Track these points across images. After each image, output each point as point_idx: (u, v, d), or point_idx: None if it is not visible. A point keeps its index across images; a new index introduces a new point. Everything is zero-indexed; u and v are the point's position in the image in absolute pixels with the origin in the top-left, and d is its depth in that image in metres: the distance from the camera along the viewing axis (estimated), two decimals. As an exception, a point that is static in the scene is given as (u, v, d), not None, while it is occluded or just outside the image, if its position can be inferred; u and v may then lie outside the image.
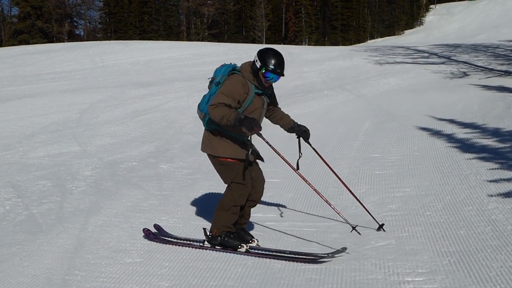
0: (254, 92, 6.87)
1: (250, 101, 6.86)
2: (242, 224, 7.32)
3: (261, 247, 7.11)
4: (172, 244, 7.38)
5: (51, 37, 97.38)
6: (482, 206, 7.93)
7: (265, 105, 7.08)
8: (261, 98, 7.00)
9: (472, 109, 16.29)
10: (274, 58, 6.76)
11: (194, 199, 9.61)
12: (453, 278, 5.80)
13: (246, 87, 6.81)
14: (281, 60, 6.81)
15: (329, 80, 26.14)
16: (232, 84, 6.80)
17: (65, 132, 15.74)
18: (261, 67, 6.75)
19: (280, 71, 6.79)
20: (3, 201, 9.61)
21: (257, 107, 6.94)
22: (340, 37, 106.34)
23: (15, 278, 6.48)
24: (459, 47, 38.16)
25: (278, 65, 6.76)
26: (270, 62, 6.73)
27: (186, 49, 42.42)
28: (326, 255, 6.52)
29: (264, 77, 6.81)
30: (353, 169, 10.97)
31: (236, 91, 6.75)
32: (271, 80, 6.83)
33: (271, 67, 6.72)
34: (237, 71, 6.92)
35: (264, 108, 7.09)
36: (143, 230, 7.71)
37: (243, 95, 6.80)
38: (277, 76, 6.80)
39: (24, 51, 44.81)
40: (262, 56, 6.77)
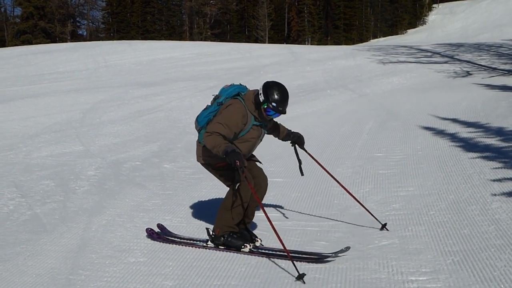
0: (252, 124, 6.87)
1: (247, 131, 6.87)
2: (246, 223, 7.32)
3: (265, 246, 7.10)
4: (176, 244, 7.38)
5: (54, 37, 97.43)
6: (485, 205, 7.92)
7: (261, 136, 7.08)
8: (259, 129, 6.99)
9: (475, 108, 16.27)
10: (277, 95, 6.71)
11: (197, 199, 9.62)
12: (456, 277, 5.80)
13: (245, 118, 6.81)
14: (285, 97, 6.76)
15: (332, 79, 26.13)
16: (232, 115, 6.77)
17: (68, 132, 15.76)
18: (264, 102, 6.73)
19: (282, 109, 6.76)
20: (6, 201, 9.62)
21: (253, 137, 6.95)
22: (343, 37, 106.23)
23: (19, 278, 6.49)
24: (462, 46, 38.15)
25: (281, 103, 6.72)
26: (273, 99, 6.69)
27: (188, 49, 42.44)
28: (330, 255, 6.52)
29: (265, 112, 6.79)
30: (356, 168, 10.97)
31: (235, 123, 6.75)
32: (271, 116, 6.83)
33: (273, 104, 6.69)
34: (240, 98, 6.90)
35: (260, 139, 7.10)
36: (147, 230, 7.71)
37: (241, 126, 6.80)
38: (278, 114, 6.80)
39: (27, 51, 44.87)
40: (266, 91, 6.73)
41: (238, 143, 6.86)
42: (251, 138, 6.91)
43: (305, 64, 31.51)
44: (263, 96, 6.71)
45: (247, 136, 6.87)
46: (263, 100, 6.71)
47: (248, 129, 6.85)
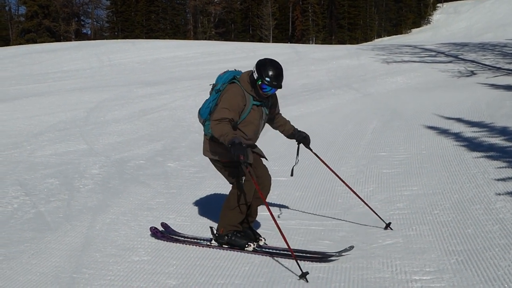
0: (252, 104, 6.86)
1: (248, 112, 6.85)
2: (249, 222, 7.31)
3: (269, 245, 7.10)
4: (179, 243, 7.38)
5: (58, 36, 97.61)
6: (490, 205, 7.92)
7: (263, 116, 7.04)
8: (260, 110, 6.97)
9: (479, 108, 16.25)
10: (271, 70, 6.71)
11: (201, 197, 9.62)
12: (461, 276, 5.80)
13: (244, 98, 6.80)
14: (279, 72, 6.76)
15: (336, 79, 26.13)
16: (232, 98, 6.79)
17: (72, 130, 15.78)
18: (258, 78, 6.73)
19: (277, 83, 6.75)
20: (11, 199, 9.64)
21: (255, 118, 6.92)
22: (347, 36, 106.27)
23: (23, 276, 6.50)
24: (466, 46, 38.10)
25: (275, 78, 6.72)
26: (266, 74, 6.69)
27: (193, 48, 42.47)
28: (333, 254, 6.51)
29: (261, 89, 6.78)
30: (360, 167, 10.96)
31: (237, 104, 6.75)
32: (268, 92, 6.80)
33: (267, 79, 6.68)
34: (236, 81, 6.91)
35: (263, 120, 7.07)
36: (151, 229, 7.71)
37: (242, 107, 6.80)
38: (274, 88, 6.79)
39: (32, 50, 44.95)
40: (259, 68, 6.74)
41: (242, 126, 6.85)
42: (253, 120, 6.90)
43: (309, 63, 31.52)
44: (257, 73, 6.73)
45: (249, 117, 6.86)
46: (257, 77, 6.73)
47: (249, 110, 6.84)
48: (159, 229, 7.75)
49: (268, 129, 7.72)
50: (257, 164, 7.18)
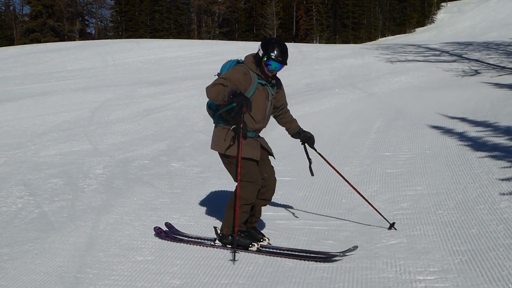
0: (256, 82, 6.86)
1: (253, 91, 6.83)
2: (253, 222, 7.30)
3: (272, 245, 7.10)
4: (183, 243, 7.38)
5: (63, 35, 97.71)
6: (494, 205, 7.91)
7: (269, 97, 7.01)
8: (265, 89, 6.95)
9: (484, 107, 16.24)
10: (276, 47, 6.76)
11: (205, 197, 9.62)
12: (465, 277, 5.79)
13: (248, 76, 6.81)
14: (284, 49, 6.81)
15: (340, 78, 26.11)
16: (232, 72, 6.84)
17: (76, 130, 15.79)
18: (263, 55, 6.76)
19: (282, 59, 6.79)
20: (15, 199, 9.65)
21: (261, 99, 6.91)
22: (351, 35, 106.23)
23: (27, 276, 6.51)
24: (470, 45, 38.05)
25: (281, 54, 6.77)
26: (272, 51, 6.73)
27: (197, 48, 42.49)
28: (337, 254, 6.51)
29: (267, 66, 6.80)
30: (364, 167, 10.96)
31: (236, 78, 6.76)
32: (274, 69, 6.82)
33: (273, 54, 6.72)
34: (241, 63, 6.96)
35: (269, 101, 7.03)
36: (154, 229, 7.71)
37: (244, 84, 6.78)
38: (280, 65, 6.80)
39: (36, 49, 45.02)
40: (265, 45, 6.80)
41: None
42: (259, 100, 6.88)
43: (313, 62, 31.50)
44: (262, 51, 6.78)
45: (254, 97, 6.83)
46: (263, 54, 6.77)
47: (254, 88, 6.83)
48: (163, 229, 7.75)
49: (271, 128, 7.73)
50: (265, 164, 7.18)
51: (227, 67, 7.04)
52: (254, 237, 7.17)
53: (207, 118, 16.77)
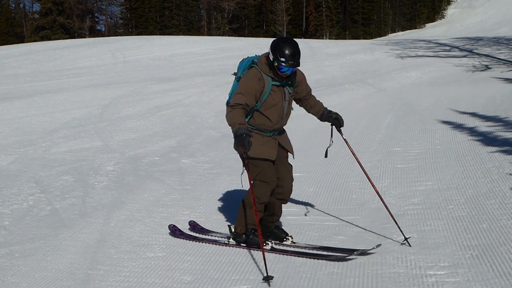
0: (271, 85, 6.69)
1: (267, 94, 6.69)
2: (274, 222, 7.24)
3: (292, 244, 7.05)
4: (197, 241, 7.37)
5: (73, 32, 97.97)
6: (505, 199, 7.89)
7: (286, 97, 6.84)
8: (281, 90, 6.79)
9: (494, 102, 16.19)
10: (285, 50, 6.52)
11: (216, 194, 9.62)
12: (475, 271, 5.78)
13: (262, 81, 6.66)
14: (294, 50, 6.55)
15: (350, 74, 26.08)
16: (247, 81, 6.68)
17: (87, 127, 15.84)
18: (274, 60, 6.57)
19: (293, 62, 6.55)
20: (26, 196, 9.69)
21: (277, 100, 6.75)
22: (361, 31, 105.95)
23: (39, 273, 6.54)
24: (481, 40, 37.95)
25: (291, 57, 6.52)
26: (281, 55, 6.50)
27: (207, 44, 42.52)
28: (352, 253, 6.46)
29: (279, 70, 6.61)
30: (374, 163, 10.94)
31: (252, 88, 6.63)
32: (286, 72, 6.63)
33: (283, 59, 6.50)
34: (255, 65, 6.79)
35: (286, 101, 6.86)
36: (169, 227, 7.71)
37: (259, 89, 6.65)
38: (292, 68, 6.61)
39: (46, 47, 45.14)
40: (274, 49, 6.57)
41: (265, 109, 6.73)
42: (275, 102, 6.75)
43: (323, 58, 31.47)
44: (272, 55, 6.58)
45: (269, 100, 6.71)
46: (273, 59, 6.57)
47: (268, 91, 6.68)
48: (177, 227, 7.73)
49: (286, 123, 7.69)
50: (281, 163, 7.09)
51: (242, 66, 6.92)
52: (277, 236, 7.15)
53: (217, 115, 16.89)
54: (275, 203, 7.13)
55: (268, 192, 6.88)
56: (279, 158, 7.04)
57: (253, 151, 6.68)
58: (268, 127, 6.82)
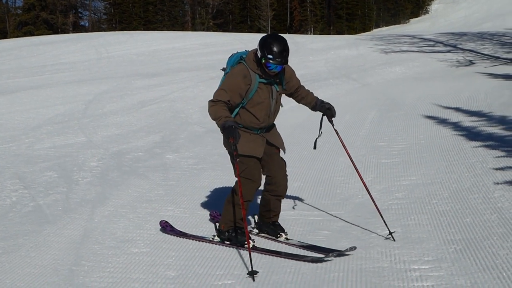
0: (258, 82, 6.57)
1: (254, 91, 6.58)
2: (271, 217, 7.17)
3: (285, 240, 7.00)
4: (186, 238, 7.32)
5: (56, 28, 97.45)
6: (488, 194, 7.92)
7: (274, 95, 6.70)
8: (268, 88, 6.66)
9: (478, 98, 16.25)
10: (274, 47, 6.38)
11: (200, 189, 9.62)
12: (459, 265, 5.81)
13: (248, 78, 6.54)
14: (282, 48, 6.41)
15: (334, 69, 26.11)
16: (232, 78, 6.58)
17: (70, 123, 15.77)
18: (261, 57, 6.45)
19: (281, 59, 6.40)
20: (9, 192, 9.64)
21: (264, 98, 6.64)
22: (345, 26, 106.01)
23: (23, 269, 6.51)
24: (465, 36, 38.06)
25: (279, 54, 6.39)
26: (269, 52, 6.38)
27: (191, 39, 42.43)
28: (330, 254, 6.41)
29: (267, 68, 6.48)
30: (359, 158, 10.95)
31: (236, 85, 6.52)
32: (274, 69, 6.48)
33: (270, 57, 6.37)
34: (243, 61, 6.67)
35: (274, 99, 6.72)
36: (160, 223, 7.67)
37: (245, 87, 6.54)
38: (280, 66, 6.47)
39: (29, 42, 44.91)
40: (262, 46, 6.45)
41: (251, 107, 6.64)
42: (262, 99, 6.63)
43: (308, 53, 31.47)
44: (260, 52, 6.45)
45: (256, 97, 6.60)
46: (261, 56, 6.44)
47: (255, 89, 6.57)
48: (169, 223, 7.69)
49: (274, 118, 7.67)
50: (271, 160, 6.99)
51: (231, 62, 6.79)
52: (272, 232, 7.13)
53: (201, 110, 16.85)
54: (270, 199, 7.08)
55: (253, 190, 6.81)
56: (269, 155, 6.96)
57: (239, 147, 6.58)
58: (255, 124, 6.73)
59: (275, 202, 7.13)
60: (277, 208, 7.17)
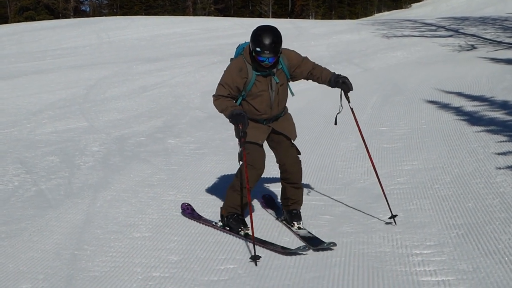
0: (254, 74, 6.48)
1: (251, 84, 6.50)
2: (289, 205, 7.03)
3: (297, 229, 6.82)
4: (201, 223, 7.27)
5: (57, 13, 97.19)
6: (490, 179, 7.92)
7: (273, 86, 6.56)
8: (267, 80, 6.54)
9: (480, 82, 16.22)
10: (262, 39, 6.23)
11: (202, 174, 9.62)
12: (461, 250, 5.81)
13: (244, 71, 6.46)
14: (271, 40, 6.26)
15: (336, 54, 26.05)
16: (228, 72, 6.53)
17: (72, 108, 15.76)
18: (252, 50, 6.35)
19: (270, 51, 6.25)
20: (11, 177, 9.65)
21: (263, 90, 6.53)
22: (347, 11, 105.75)
23: (25, 253, 6.53)
24: (467, 20, 37.96)
25: (268, 46, 6.22)
26: (258, 45, 6.24)
27: (192, 24, 42.32)
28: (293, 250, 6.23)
29: (259, 60, 6.36)
30: (360, 142, 10.88)
31: (231, 80, 6.46)
32: (266, 62, 6.34)
33: (258, 49, 6.24)
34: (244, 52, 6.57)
35: (273, 91, 6.58)
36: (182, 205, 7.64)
37: (241, 80, 6.47)
38: (271, 58, 6.32)
39: (30, 27, 44.80)
40: (252, 39, 6.34)
41: (251, 99, 6.57)
42: (261, 92, 6.53)
43: (310, 38, 31.40)
44: (251, 45, 6.35)
45: (254, 89, 6.52)
46: (252, 49, 6.34)
47: (252, 82, 6.48)
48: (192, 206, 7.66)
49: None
50: (280, 148, 6.94)
51: (236, 52, 6.72)
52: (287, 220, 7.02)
53: (203, 95, 16.85)
54: (286, 187, 7.01)
55: (254, 176, 6.74)
56: (278, 143, 6.91)
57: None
58: (257, 116, 6.67)
59: (292, 190, 7.01)
60: (294, 196, 7.03)
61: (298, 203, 7.07)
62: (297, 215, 7.01)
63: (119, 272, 5.97)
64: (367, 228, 6.72)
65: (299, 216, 7.01)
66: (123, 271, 5.98)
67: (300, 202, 7.10)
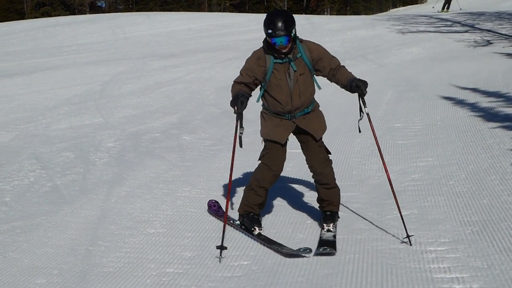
0: (272, 63, 6.40)
1: (270, 73, 6.41)
2: (324, 206, 6.87)
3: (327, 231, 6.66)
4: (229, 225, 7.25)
5: (73, 9, 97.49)
6: (505, 175, 7.90)
7: (291, 75, 6.43)
8: (285, 68, 6.41)
9: (496, 78, 16.15)
10: (273, 20, 6.18)
11: (216, 170, 9.62)
12: (476, 247, 5.80)
13: (262, 60, 6.41)
14: (280, 19, 6.19)
15: (351, 49, 25.98)
16: (248, 61, 6.52)
17: (87, 104, 15.81)
18: (266, 36, 6.29)
19: (280, 31, 6.14)
20: (27, 172, 9.70)
21: (280, 79, 6.42)
22: (362, 6, 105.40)
23: (40, 249, 6.56)
24: (482, 15, 37.74)
25: (277, 26, 6.14)
26: (267, 28, 6.21)
27: (207, 20, 42.31)
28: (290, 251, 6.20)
29: (273, 44, 6.27)
30: (375, 139, 10.92)
31: (249, 68, 6.44)
32: (279, 44, 6.21)
33: (270, 31, 6.17)
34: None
35: (291, 79, 6.44)
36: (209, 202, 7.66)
37: (260, 69, 6.41)
38: (284, 37, 6.18)
39: (46, 23, 44.94)
40: (264, 24, 6.29)
41: (271, 90, 6.46)
42: (278, 81, 6.41)
43: (324, 34, 31.31)
44: (264, 31, 6.28)
45: (273, 79, 6.42)
46: (265, 34, 6.28)
47: (271, 70, 6.39)
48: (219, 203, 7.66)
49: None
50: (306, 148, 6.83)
51: None
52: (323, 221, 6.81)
53: (218, 91, 16.86)
54: (319, 188, 6.86)
55: (270, 177, 6.71)
56: (305, 143, 6.81)
57: (263, 131, 6.66)
58: (280, 108, 6.55)
59: (324, 191, 6.82)
60: (329, 197, 6.83)
61: (333, 204, 6.85)
62: (330, 217, 6.78)
63: (133, 268, 5.99)
64: (381, 224, 6.72)
65: (331, 218, 6.76)
66: (137, 267, 6.01)
67: (336, 203, 6.86)
